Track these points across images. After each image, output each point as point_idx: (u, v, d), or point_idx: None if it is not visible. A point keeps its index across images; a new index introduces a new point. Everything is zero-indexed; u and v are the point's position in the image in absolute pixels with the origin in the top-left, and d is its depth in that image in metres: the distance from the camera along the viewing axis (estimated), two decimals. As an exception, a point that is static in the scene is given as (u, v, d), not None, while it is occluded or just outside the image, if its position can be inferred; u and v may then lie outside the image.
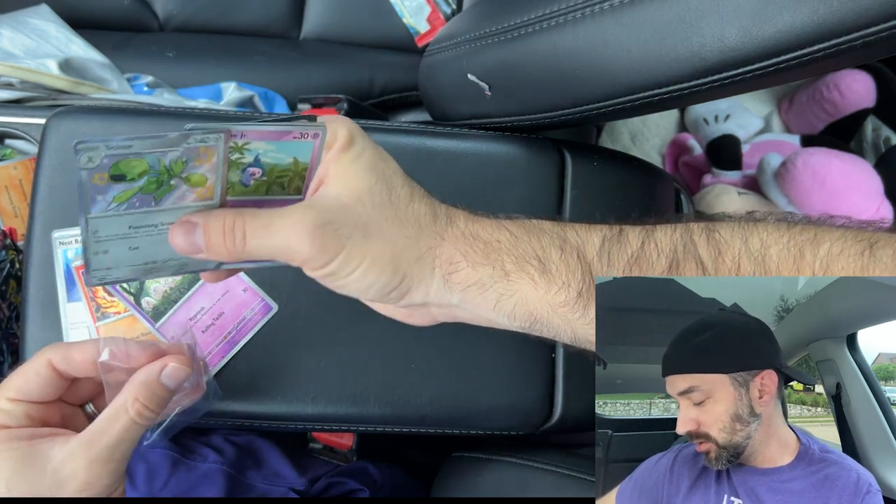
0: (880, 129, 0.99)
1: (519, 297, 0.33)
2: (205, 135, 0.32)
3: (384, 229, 0.32)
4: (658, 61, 0.37)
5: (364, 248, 0.32)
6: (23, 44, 0.71)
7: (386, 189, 0.33)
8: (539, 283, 0.33)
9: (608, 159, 0.53)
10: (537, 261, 0.33)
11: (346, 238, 0.31)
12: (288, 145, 0.32)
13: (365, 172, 0.33)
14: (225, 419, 0.48)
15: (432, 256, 0.33)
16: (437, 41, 0.57)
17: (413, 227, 0.33)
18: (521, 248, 0.33)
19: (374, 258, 0.32)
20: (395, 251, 0.32)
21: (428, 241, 0.33)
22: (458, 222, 0.34)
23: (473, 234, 0.34)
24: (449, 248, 0.33)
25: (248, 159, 0.33)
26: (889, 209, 0.83)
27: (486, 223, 0.35)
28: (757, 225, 0.30)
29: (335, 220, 0.32)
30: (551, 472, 0.49)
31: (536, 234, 0.34)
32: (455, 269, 0.33)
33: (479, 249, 0.33)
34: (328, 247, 0.31)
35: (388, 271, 0.32)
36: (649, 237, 0.32)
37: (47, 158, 0.48)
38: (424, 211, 0.34)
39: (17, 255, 0.56)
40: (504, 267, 0.33)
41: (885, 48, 0.31)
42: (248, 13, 0.91)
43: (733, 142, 0.95)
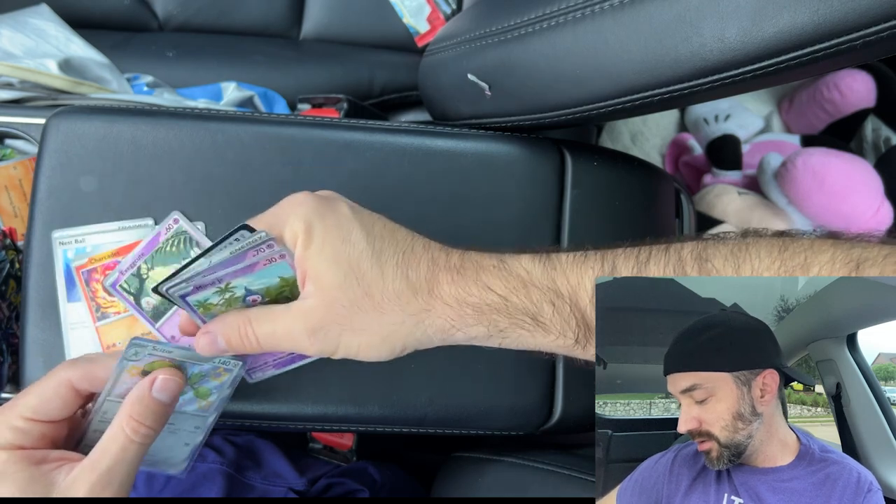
0: (880, 129, 0.99)
1: (520, 342, 0.35)
2: (228, 359, 0.38)
3: (367, 323, 0.34)
4: (658, 61, 0.37)
5: (355, 341, 0.35)
6: (22, 44, 0.71)
7: (355, 280, 0.34)
8: (535, 334, 0.34)
9: (608, 159, 0.53)
10: (531, 318, 0.34)
11: (336, 337, 0.35)
12: (264, 272, 0.36)
13: (331, 268, 0.34)
14: (225, 419, 0.48)
15: (423, 328, 0.35)
16: (437, 41, 0.57)
17: (394, 308, 0.35)
18: (510, 308, 0.34)
19: (369, 345, 0.35)
20: (384, 335, 0.35)
21: (413, 319, 0.35)
22: (440, 291, 0.35)
23: (460, 300, 0.35)
24: (438, 320, 0.35)
25: (239, 293, 0.36)
26: (889, 209, 0.83)
27: (470, 286, 0.35)
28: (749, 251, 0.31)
29: (322, 327, 0.34)
30: (551, 472, 0.49)
31: (525, 288, 0.34)
32: (450, 335, 0.35)
33: (469, 314, 0.35)
34: (326, 348, 0.35)
35: (386, 349, 0.35)
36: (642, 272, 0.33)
37: (47, 158, 0.48)
38: (401, 288, 0.35)
39: (17, 255, 0.56)
40: (498, 325, 0.35)
41: (885, 48, 0.31)
42: (248, 13, 0.91)
43: (733, 142, 0.95)
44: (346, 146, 0.49)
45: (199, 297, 0.36)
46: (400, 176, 0.49)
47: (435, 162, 0.50)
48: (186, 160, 0.48)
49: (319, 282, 0.34)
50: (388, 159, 0.49)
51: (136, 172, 0.47)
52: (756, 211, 0.88)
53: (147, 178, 0.47)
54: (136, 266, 0.47)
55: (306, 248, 0.35)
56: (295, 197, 0.37)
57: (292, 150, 0.49)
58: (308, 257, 0.35)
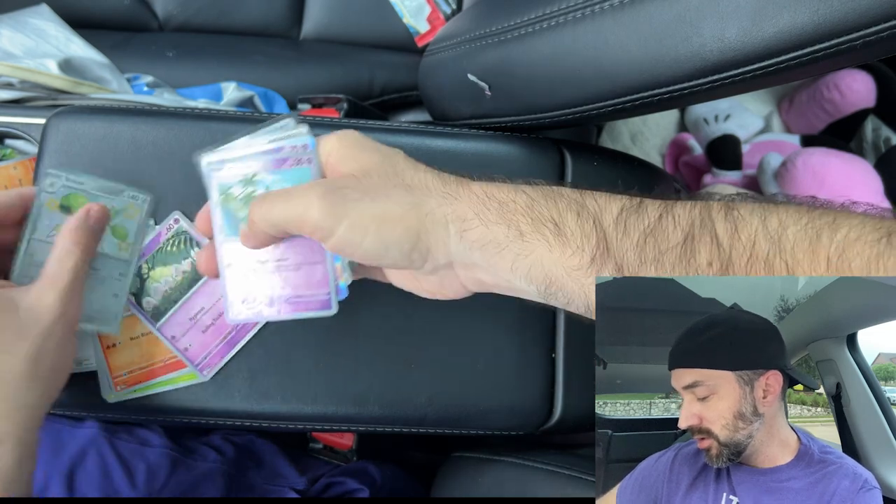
0: (880, 129, 0.99)
1: (535, 258, 0.33)
2: (135, 193, 0.42)
3: (392, 194, 0.33)
4: (658, 61, 0.37)
5: (371, 208, 0.33)
6: (22, 44, 0.71)
7: (390, 164, 0.35)
8: (554, 245, 0.32)
9: (608, 159, 0.53)
10: (553, 224, 0.33)
11: (354, 202, 0.33)
12: (289, 173, 0.35)
13: (370, 153, 0.35)
14: (225, 419, 0.48)
15: (443, 213, 0.33)
16: (437, 41, 0.57)
17: (421, 190, 0.34)
18: (537, 210, 0.33)
19: (383, 217, 0.33)
20: (404, 210, 0.33)
21: (438, 200, 0.34)
22: (470, 184, 0.35)
23: (488, 194, 0.34)
24: (461, 207, 0.34)
25: (259, 191, 0.36)
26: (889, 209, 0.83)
27: (502, 186, 0.35)
28: (777, 206, 0.30)
29: (345, 187, 0.33)
30: (551, 472, 0.49)
31: (554, 198, 0.34)
32: (468, 227, 0.33)
33: (494, 209, 0.33)
34: (336, 210, 0.32)
35: (400, 229, 0.33)
36: (668, 210, 0.32)
37: (47, 158, 0.48)
38: (432, 178, 0.35)
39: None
40: (519, 227, 0.33)
41: (885, 48, 0.31)
42: (248, 13, 0.91)
43: (733, 142, 0.95)
44: (346, 146, 0.49)
45: (225, 179, 0.36)
46: (400, 176, 0.49)
47: (435, 162, 0.49)
48: (186, 160, 0.48)
49: (356, 161, 0.35)
50: (388, 159, 0.49)
51: (136, 172, 0.47)
52: (756, 211, 0.88)
53: (147, 178, 0.47)
54: (137, 266, 0.47)
55: (343, 144, 0.35)
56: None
57: (292, 150, 0.49)
58: (348, 150, 0.35)
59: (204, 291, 0.47)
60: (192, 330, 0.47)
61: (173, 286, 0.47)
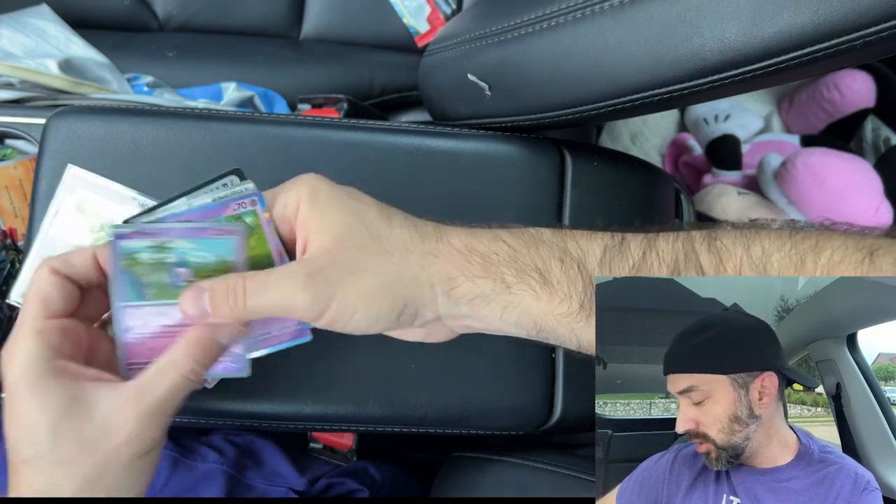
0: (880, 129, 0.99)
1: (523, 308, 0.33)
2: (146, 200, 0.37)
3: (371, 264, 0.33)
4: (658, 61, 0.37)
5: (356, 286, 0.32)
6: (22, 44, 0.71)
7: (363, 226, 0.34)
8: (541, 294, 0.33)
9: (608, 159, 0.53)
10: (538, 273, 0.33)
11: (337, 283, 0.32)
12: (209, 243, 0.33)
13: (339, 217, 0.34)
14: (225, 419, 0.48)
15: (427, 275, 0.33)
16: (437, 41, 0.57)
17: (400, 252, 0.33)
18: (520, 260, 0.33)
19: (370, 294, 0.32)
20: (387, 280, 0.33)
21: (419, 261, 0.33)
22: (450, 238, 0.34)
23: (469, 247, 0.34)
24: (444, 265, 0.33)
25: (172, 259, 0.34)
26: (889, 209, 0.83)
27: (481, 236, 0.34)
28: (759, 232, 0.30)
29: (323, 268, 0.32)
30: (551, 472, 0.49)
31: (535, 245, 0.34)
32: (454, 285, 0.33)
33: (477, 263, 0.33)
34: (321, 294, 0.32)
35: (388, 301, 0.33)
36: (651, 246, 0.32)
37: (47, 158, 0.48)
38: (409, 235, 0.34)
39: (17, 255, 0.56)
40: (504, 279, 0.33)
41: (885, 48, 0.31)
42: (248, 13, 0.91)
43: (733, 142, 0.95)
44: (346, 146, 0.49)
45: (133, 244, 0.33)
46: (400, 176, 0.49)
47: (435, 162, 0.50)
48: (186, 160, 0.48)
49: (328, 231, 0.33)
50: (388, 159, 0.49)
51: (136, 172, 0.47)
52: (756, 211, 0.88)
53: (147, 178, 0.47)
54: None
55: (312, 205, 0.34)
56: (300, 175, 0.36)
57: (292, 150, 0.49)
58: (314, 214, 0.34)
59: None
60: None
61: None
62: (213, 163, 0.48)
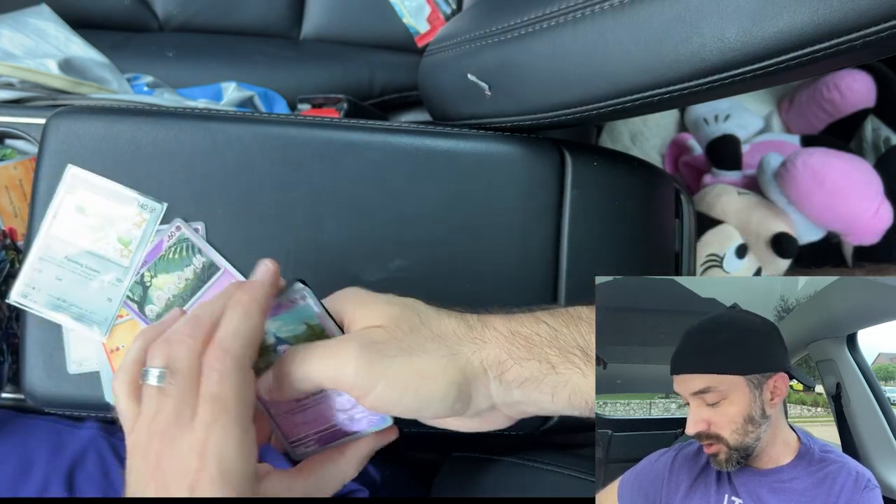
0: (880, 130, 0.99)
1: (572, 387, 0.33)
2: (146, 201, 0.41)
3: (426, 346, 0.33)
4: (658, 61, 0.37)
5: (410, 364, 0.32)
6: (22, 44, 0.71)
7: (414, 313, 0.34)
8: (587, 372, 0.33)
9: (608, 159, 0.53)
10: (580, 350, 0.33)
11: (391, 358, 0.32)
12: (290, 315, 0.35)
13: (392, 305, 0.34)
14: (225, 419, 0.48)
15: (479, 360, 0.34)
16: (437, 41, 0.57)
17: (451, 339, 0.34)
18: (561, 339, 0.34)
19: (424, 374, 0.32)
20: (443, 364, 0.33)
21: (471, 347, 0.34)
22: (494, 324, 0.35)
23: (513, 331, 0.34)
24: (493, 350, 0.34)
25: (270, 340, 0.35)
26: (889, 209, 0.83)
27: (522, 319, 0.35)
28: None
29: (380, 342, 0.32)
30: (551, 472, 0.49)
31: (574, 323, 0.34)
32: (504, 369, 0.34)
33: (522, 345, 0.34)
34: (373, 368, 0.31)
35: (443, 383, 0.32)
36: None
37: (47, 158, 0.48)
38: (457, 323, 0.35)
39: (17, 255, 0.56)
40: (549, 360, 0.33)
41: (885, 48, 0.31)
42: (248, 13, 0.91)
43: (733, 142, 0.95)
44: (346, 146, 0.49)
45: None
46: (400, 176, 0.49)
47: (435, 162, 0.50)
48: (186, 160, 0.48)
49: (379, 313, 0.34)
50: (388, 159, 0.49)
51: (136, 172, 0.47)
52: (756, 211, 0.88)
53: (147, 178, 0.47)
54: (139, 274, 0.47)
55: (359, 301, 0.35)
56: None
57: (292, 150, 0.49)
58: (361, 306, 0.34)
59: (207, 298, 0.47)
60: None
61: (175, 293, 0.47)
62: (213, 163, 0.48)
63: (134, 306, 0.46)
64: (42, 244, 0.45)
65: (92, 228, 0.46)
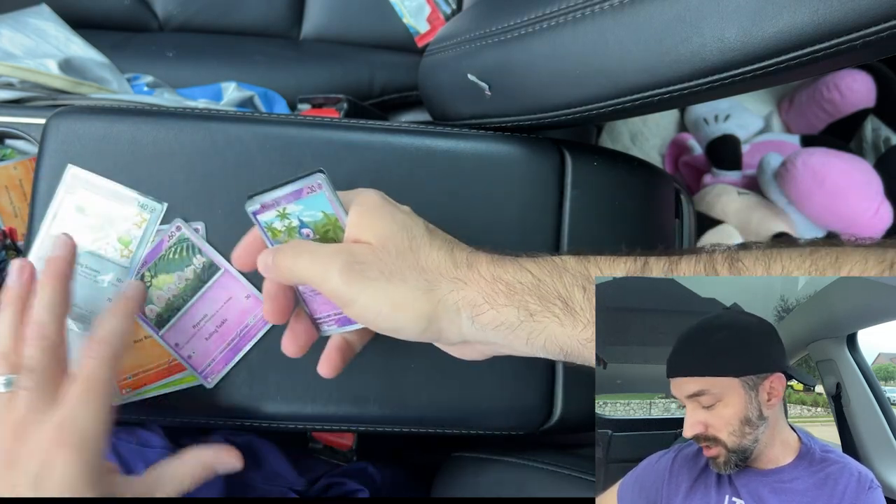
0: (880, 130, 0.99)
1: (548, 334, 0.34)
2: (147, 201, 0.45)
3: (406, 275, 0.35)
4: (658, 61, 0.37)
5: (387, 290, 0.34)
6: (22, 44, 0.71)
7: (407, 237, 0.36)
8: (565, 321, 0.34)
9: (608, 159, 0.53)
10: (561, 301, 0.34)
11: (371, 280, 0.34)
12: (307, 201, 0.37)
13: (389, 223, 0.36)
14: (225, 419, 0.48)
15: (454, 300, 0.35)
16: (437, 41, 0.57)
17: (433, 273, 0.35)
18: (544, 288, 0.34)
19: (396, 302, 0.34)
20: (417, 295, 0.35)
21: (448, 285, 0.35)
22: (479, 266, 0.36)
23: (495, 276, 0.35)
24: (471, 292, 0.35)
25: (295, 222, 0.38)
26: (889, 209, 0.83)
27: (508, 265, 0.35)
28: (781, 251, 0.31)
29: (363, 262, 0.35)
30: (551, 472, 0.49)
31: (559, 273, 0.34)
32: (479, 312, 0.35)
33: (502, 291, 0.34)
34: (352, 286, 0.34)
35: (412, 315, 0.35)
36: (673, 269, 0.32)
37: (47, 158, 0.48)
38: (444, 258, 0.36)
39: (17, 255, 0.56)
40: (528, 307, 0.34)
41: (885, 48, 0.31)
42: (248, 13, 0.91)
43: (733, 142, 0.96)
44: (346, 146, 0.49)
45: (266, 218, 0.38)
46: (400, 176, 0.49)
47: (435, 162, 0.50)
48: (186, 160, 0.48)
49: (374, 231, 0.36)
50: (388, 159, 0.49)
51: (136, 172, 0.47)
52: (756, 211, 0.88)
53: (147, 178, 0.47)
54: (139, 274, 0.47)
55: (365, 207, 0.37)
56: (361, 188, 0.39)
57: (292, 150, 0.49)
58: (370, 215, 0.36)
59: (207, 298, 0.47)
60: (195, 337, 0.47)
61: (176, 293, 0.47)
62: (213, 163, 0.48)
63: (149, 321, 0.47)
64: (42, 244, 0.45)
65: (92, 228, 0.46)
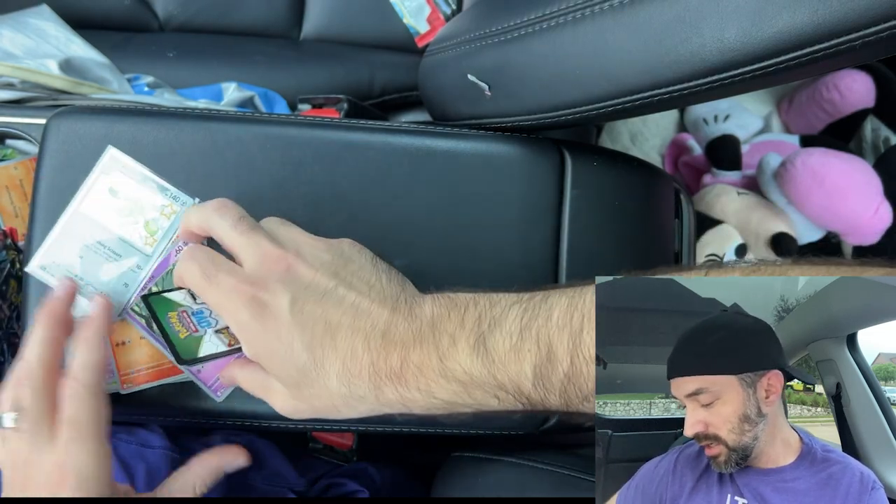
0: (880, 130, 0.99)
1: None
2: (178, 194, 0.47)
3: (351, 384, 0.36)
4: (658, 61, 0.37)
5: (331, 399, 0.37)
6: (23, 44, 0.71)
7: (307, 384, 0.37)
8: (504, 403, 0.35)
9: (608, 159, 0.53)
10: (477, 409, 0.36)
11: (314, 395, 0.36)
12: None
13: (283, 371, 0.37)
14: (225, 419, 0.48)
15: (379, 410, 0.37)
16: (437, 41, 0.57)
17: (345, 407, 0.37)
18: (455, 409, 0.36)
19: (340, 408, 0.37)
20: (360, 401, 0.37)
21: (368, 409, 0.37)
22: (386, 398, 0.36)
23: (405, 404, 0.36)
24: (391, 410, 0.37)
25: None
26: (888, 209, 0.83)
27: (413, 394, 0.36)
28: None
29: (301, 384, 0.36)
30: (551, 472, 0.49)
31: (467, 393, 0.35)
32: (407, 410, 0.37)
33: (418, 412, 0.37)
34: (301, 404, 0.37)
35: (357, 413, 0.37)
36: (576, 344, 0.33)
37: (48, 158, 0.48)
38: (347, 395, 0.37)
39: (17, 255, 0.56)
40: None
41: (885, 48, 0.31)
42: (249, 13, 0.91)
43: (733, 142, 0.96)
44: (346, 146, 0.49)
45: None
46: (400, 176, 0.49)
47: (435, 162, 0.50)
48: (187, 160, 0.48)
49: (277, 378, 0.38)
50: (388, 159, 0.49)
51: (137, 172, 0.47)
52: (755, 211, 0.88)
53: (147, 178, 0.47)
54: (147, 289, 0.46)
55: (248, 347, 0.37)
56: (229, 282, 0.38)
57: (292, 150, 0.49)
58: (256, 356, 0.37)
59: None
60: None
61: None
62: (213, 163, 0.48)
63: (141, 321, 0.46)
64: (69, 220, 0.45)
65: (121, 212, 0.46)
